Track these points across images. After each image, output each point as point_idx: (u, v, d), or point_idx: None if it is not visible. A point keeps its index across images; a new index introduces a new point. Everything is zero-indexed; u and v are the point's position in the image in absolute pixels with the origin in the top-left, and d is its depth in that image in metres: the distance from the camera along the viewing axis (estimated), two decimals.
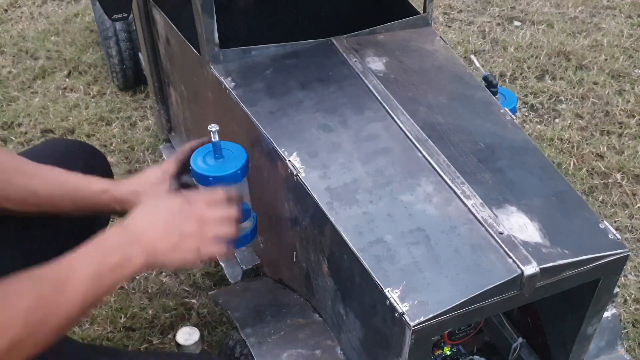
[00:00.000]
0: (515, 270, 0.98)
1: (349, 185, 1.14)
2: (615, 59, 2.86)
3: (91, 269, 0.92)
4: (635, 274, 1.94)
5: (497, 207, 1.08)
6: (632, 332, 1.77)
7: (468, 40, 2.99)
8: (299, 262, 1.31)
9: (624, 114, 2.56)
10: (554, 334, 1.25)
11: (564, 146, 2.40)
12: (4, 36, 2.99)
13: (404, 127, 1.23)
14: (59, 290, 0.88)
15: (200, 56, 1.44)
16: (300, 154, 1.20)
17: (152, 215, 1.03)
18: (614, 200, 2.17)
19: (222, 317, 1.78)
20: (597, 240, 1.06)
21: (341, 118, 1.27)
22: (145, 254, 0.98)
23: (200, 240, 1.04)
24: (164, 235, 1.00)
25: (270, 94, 1.34)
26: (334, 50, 1.44)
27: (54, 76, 2.73)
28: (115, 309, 1.79)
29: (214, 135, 1.17)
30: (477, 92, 1.38)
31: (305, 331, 1.27)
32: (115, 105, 2.57)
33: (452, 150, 1.19)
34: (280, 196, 1.29)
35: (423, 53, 1.50)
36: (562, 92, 2.68)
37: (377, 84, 1.34)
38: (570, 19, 3.18)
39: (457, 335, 1.30)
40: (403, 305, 0.95)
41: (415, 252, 1.02)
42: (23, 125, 2.46)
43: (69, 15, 3.12)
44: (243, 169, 1.19)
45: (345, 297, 1.16)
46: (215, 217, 1.07)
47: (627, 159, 2.33)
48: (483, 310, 0.99)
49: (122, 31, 2.44)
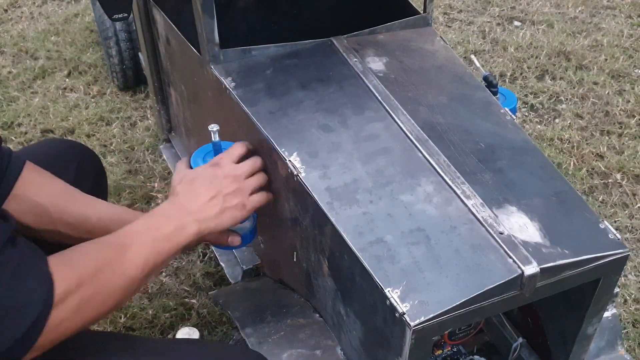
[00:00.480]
0: (515, 270, 0.98)
1: (349, 185, 1.14)
2: (615, 59, 2.86)
3: (150, 236, 1.00)
4: (635, 274, 1.94)
5: (498, 207, 1.08)
6: (632, 332, 1.77)
7: (468, 40, 2.99)
8: (299, 262, 1.31)
9: (624, 114, 2.56)
10: (554, 334, 1.25)
11: (564, 146, 2.40)
12: (4, 36, 2.99)
13: (404, 127, 1.23)
14: (123, 253, 0.95)
15: (200, 56, 1.44)
16: (301, 154, 1.20)
17: (192, 187, 1.10)
18: (614, 200, 2.17)
19: (222, 317, 1.78)
20: (597, 240, 1.06)
21: (341, 118, 1.27)
22: (197, 222, 1.05)
23: (242, 195, 1.13)
24: (209, 201, 1.08)
25: (271, 94, 1.34)
26: (334, 50, 1.44)
27: (54, 76, 2.73)
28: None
29: (215, 135, 1.18)
30: (477, 92, 1.38)
31: (306, 331, 1.27)
32: (115, 105, 2.57)
33: (452, 150, 1.19)
34: (280, 196, 1.29)
35: (423, 53, 1.50)
36: (562, 92, 2.68)
37: (377, 84, 1.34)
38: (570, 19, 3.18)
39: (458, 335, 1.30)
40: (403, 305, 0.95)
41: (415, 252, 1.02)
42: (23, 125, 2.46)
43: (69, 15, 3.12)
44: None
45: (345, 297, 1.16)
46: (246, 170, 1.16)
47: (627, 159, 2.33)
48: (483, 310, 0.99)
49: (122, 31, 2.44)
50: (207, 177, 1.12)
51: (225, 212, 1.10)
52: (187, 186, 1.11)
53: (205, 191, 1.09)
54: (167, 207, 1.08)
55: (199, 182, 1.11)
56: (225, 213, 1.10)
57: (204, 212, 1.07)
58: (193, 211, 1.06)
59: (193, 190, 1.10)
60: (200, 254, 1.96)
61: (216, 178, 1.12)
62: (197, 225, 1.05)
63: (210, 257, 1.94)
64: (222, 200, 1.09)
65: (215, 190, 1.10)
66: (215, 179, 1.11)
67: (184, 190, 1.10)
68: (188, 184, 1.11)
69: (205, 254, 1.96)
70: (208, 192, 1.09)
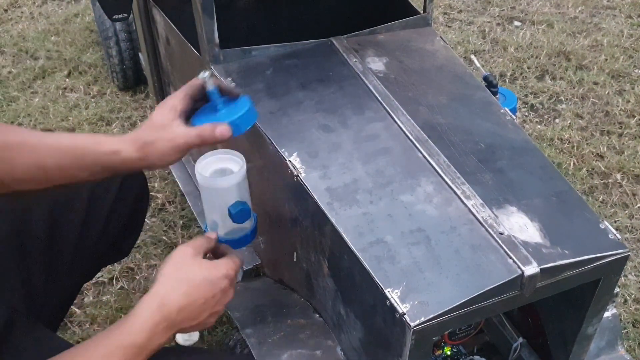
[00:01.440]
0: (515, 270, 0.98)
1: (349, 185, 1.14)
2: (615, 59, 2.86)
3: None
4: (635, 274, 1.94)
5: (498, 208, 1.08)
6: (632, 332, 1.77)
7: (468, 40, 2.99)
8: (299, 262, 1.31)
9: (624, 114, 2.56)
10: (554, 334, 1.24)
11: (564, 146, 2.40)
12: (4, 36, 2.99)
13: (404, 127, 1.23)
14: None
15: (200, 56, 1.44)
16: (301, 154, 1.20)
17: (189, 298, 0.95)
18: (614, 201, 2.17)
19: (222, 317, 1.78)
20: (597, 240, 1.06)
21: (341, 118, 1.27)
22: (173, 331, 0.95)
23: (223, 305, 1.01)
24: (197, 316, 0.96)
25: (271, 94, 1.34)
26: (334, 50, 1.44)
27: (54, 76, 2.73)
28: (115, 309, 1.78)
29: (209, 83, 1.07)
30: (477, 92, 1.38)
31: (306, 331, 1.27)
32: (115, 105, 2.57)
33: (452, 150, 1.19)
34: (280, 196, 1.29)
35: (423, 53, 1.50)
36: (562, 92, 2.68)
37: (377, 84, 1.34)
38: (570, 19, 3.18)
39: (458, 335, 1.30)
40: (403, 306, 0.95)
41: (415, 253, 1.02)
42: (23, 125, 2.45)
43: (69, 15, 3.12)
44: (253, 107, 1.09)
45: (345, 298, 1.16)
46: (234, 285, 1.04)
47: (627, 159, 2.33)
48: (483, 310, 0.99)
49: (122, 31, 2.44)
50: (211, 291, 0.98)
51: (200, 325, 0.99)
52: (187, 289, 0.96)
53: (199, 309, 0.96)
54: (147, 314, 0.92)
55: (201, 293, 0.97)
56: (200, 326, 0.99)
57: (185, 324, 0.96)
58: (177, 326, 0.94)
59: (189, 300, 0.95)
60: None
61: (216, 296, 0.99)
62: (169, 336, 0.94)
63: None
64: (207, 317, 0.98)
65: (209, 308, 0.97)
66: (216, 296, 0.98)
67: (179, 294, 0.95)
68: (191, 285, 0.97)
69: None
70: (202, 310, 0.97)
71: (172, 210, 2.10)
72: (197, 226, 2.01)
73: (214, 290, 0.98)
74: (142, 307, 0.92)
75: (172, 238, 2.00)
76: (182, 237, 2.00)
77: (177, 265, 0.99)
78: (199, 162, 1.21)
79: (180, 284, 0.95)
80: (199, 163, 1.21)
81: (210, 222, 1.25)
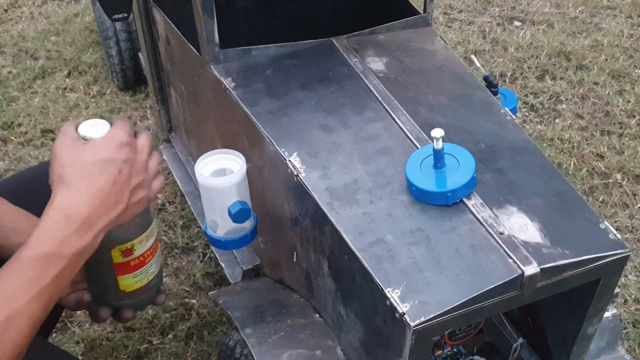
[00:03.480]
0: (515, 270, 0.98)
1: (349, 185, 1.14)
2: (615, 59, 2.86)
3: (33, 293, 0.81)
4: (635, 274, 1.94)
5: (498, 208, 1.08)
6: (632, 332, 1.77)
7: (468, 40, 2.99)
8: (299, 262, 1.31)
9: (624, 114, 2.56)
10: (554, 334, 1.24)
11: (564, 146, 2.39)
12: (4, 36, 2.99)
13: (405, 127, 1.23)
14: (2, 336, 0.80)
15: (200, 56, 1.44)
16: (301, 154, 1.20)
17: (91, 188, 0.86)
18: (614, 201, 2.17)
19: (222, 317, 1.78)
20: (597, 240, 1.06)
21: (341, 118, 1.27)
22: (95, 230, 0.86)
23: (147, 187, 0.92)
24: (116, 201, 0.87)
25: (271, 94, 1.34)
26: (334, 50, 1.44)
27: (54, 76, 2.73)
28: None
29: (437, 142, 1.05)
30: (477, 92, 1.38)
31: (306, 331, 1.27)
32: (115, 105, 2.57)
33: None
34: (280, 196, 1.29)
35: (423, 53, 1.50)
36: (562, 92, 2.67)
37: (378, 84, 1.34)
38: (570, 19, 3.18)
39: (458, 335, 1.30)
40: (403, 306, 0.95)
41: (415, 253, 1.02)
42: (23, 125, 2.46)
43: (69, 15, 3.12)
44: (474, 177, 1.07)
45: (345, 298, 1.16)
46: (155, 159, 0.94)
47: (628, 159, 2.32)
48: (483, 310, 0.99)
49: (122, 31, 2.45)
50: (117, 168, 0.88)
51: (127, 211, 0.90)
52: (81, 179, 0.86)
53: (106, 184, 0.86)
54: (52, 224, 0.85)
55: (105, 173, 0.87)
56: (126, 213, 0.90)
57: (103, 216, 0.86)
58: (90, 225, 0.85)
59: (94, 189, 0.86)
60: (201, 254, 1.96)
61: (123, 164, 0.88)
62: (91, 235, 0.86)
63: (210, 258, 1.94)
64: (127, 196, 0.89)
65: (123, 188, 0.88)
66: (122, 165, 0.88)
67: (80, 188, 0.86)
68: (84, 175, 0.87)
69: (205, 254, 1.96)
70: (110, 185, 0.86)
71: (172, 210, 2.10)
72: (197, 226, 2.01)
73: (115, 166, 0.87)
74: (45, 217, 0.85)
75: (172, 238, 2.00)
76: (182, 237, 2.00)
77: (62, 163, 0.88)
78: (199, 162, 1.21)
79: (74, 181, 0.86)
80: (199, 163, 1.21)
81: (210, 221, 1.25)
